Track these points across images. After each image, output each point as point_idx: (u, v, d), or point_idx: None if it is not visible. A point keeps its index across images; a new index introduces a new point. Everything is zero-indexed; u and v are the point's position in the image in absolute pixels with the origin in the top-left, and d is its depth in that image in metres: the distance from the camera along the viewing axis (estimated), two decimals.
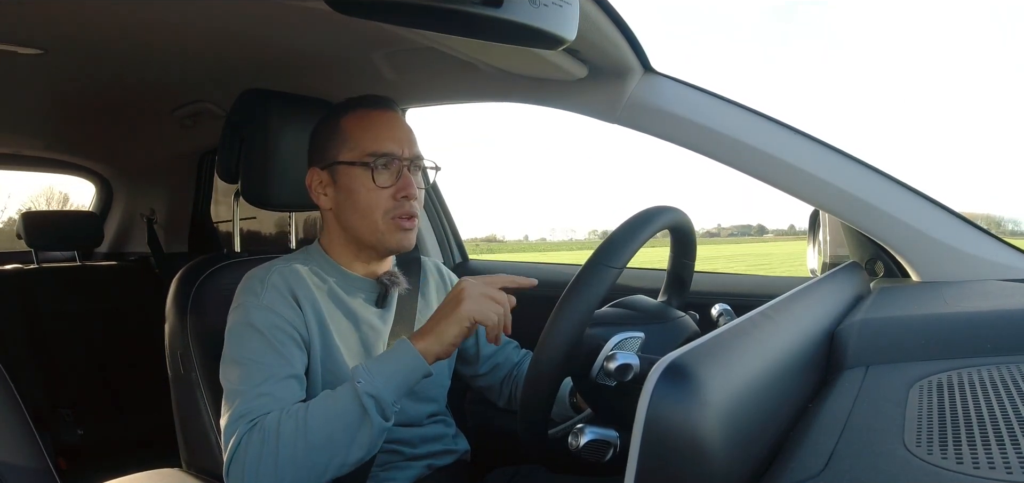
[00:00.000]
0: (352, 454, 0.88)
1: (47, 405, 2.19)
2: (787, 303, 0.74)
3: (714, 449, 0.43)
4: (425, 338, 0.91)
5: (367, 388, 0.87)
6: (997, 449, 0.46)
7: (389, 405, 0.88)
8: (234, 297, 1.02)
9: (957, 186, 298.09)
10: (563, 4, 0.71)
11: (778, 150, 1.13)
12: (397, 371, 0.89)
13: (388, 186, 1.02)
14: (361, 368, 0.89)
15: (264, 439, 0.86)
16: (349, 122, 1.05)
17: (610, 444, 0.76)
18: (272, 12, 1.13)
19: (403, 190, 1.02)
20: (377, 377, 0.88)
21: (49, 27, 1.23)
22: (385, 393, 0.87)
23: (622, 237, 0.77)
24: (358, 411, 0.87)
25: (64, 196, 5.33)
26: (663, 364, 0.45)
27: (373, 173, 1.01)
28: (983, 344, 0.72)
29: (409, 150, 1.04)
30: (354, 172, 1.02)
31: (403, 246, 1.04)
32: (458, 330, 0.90)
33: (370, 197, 1.01)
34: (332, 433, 0.87)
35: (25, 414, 1.09)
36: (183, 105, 1.80)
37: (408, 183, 1.02)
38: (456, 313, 0.89)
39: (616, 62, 1.16)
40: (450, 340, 0.90)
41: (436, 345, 0.90)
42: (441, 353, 0.91)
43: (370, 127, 1.04)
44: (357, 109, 1.06)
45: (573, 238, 47.30)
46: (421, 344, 0.90)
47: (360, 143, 1.03)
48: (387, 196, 1.02)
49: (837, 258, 1.24)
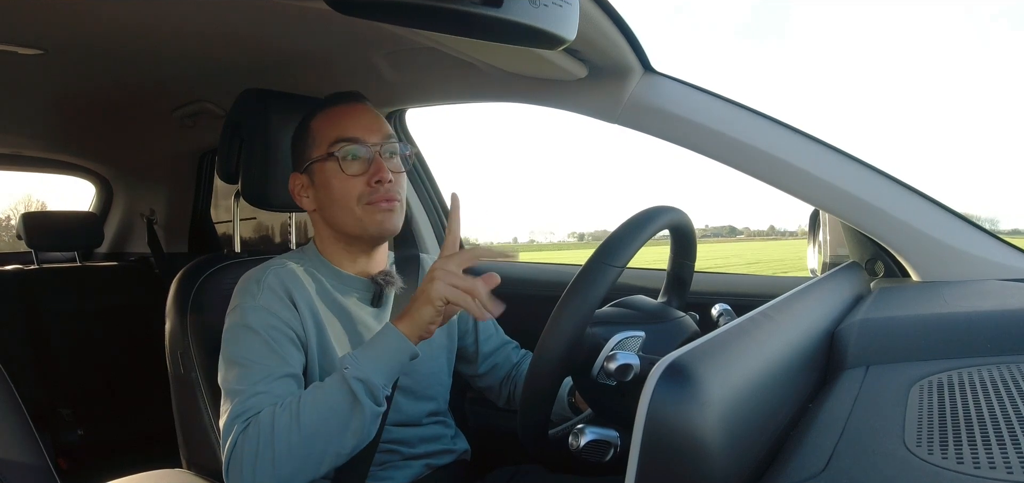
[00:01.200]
0: (347, 442, 0.89)
1: (47, 405, 2.19)
2: (787, 303, 0.74)
3: (714, 449, 0.43)
4: (404, 320, 0.91)
5: (355, 373, 0.88)
6: (997, 449, 0.46)
7: (379, 389, 0.89)
8: (231, 298, 1.02)
9: (949, 185, 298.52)
10: (563, 4, 0.71)
11: (778, 150, 1.13)
12: (383, 354, 0.90)
13: (360, 173, 1.02)
14: (348, 356, 0.90)
15: (260, 434, 0.87)
16: (316, 121, 1.06)
17: (610, 444, 0.76)
18: (272, 12, 1.13)
19: (375, 174, 1.01)
20: (364, 362, 0.89)
21: (49, 27, 1.24)
22: (374, 376, 0.88)
23: (623, 236, 0.77)
24: (348, 397, 0.88)
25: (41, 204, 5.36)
26: (663, 364, 0.45)
27: (340, 162, 1.01)
28: (983, 344, 0.72)
29: (378, 135, 1.03)
30: (326, 167, 1.02)
31: (385, 228, 1.03)
32: (432, 311, 0.90)
33: (343, 186, 1.01)
34: (325, 421, 0.88)
35: (25, 414, 1.09)
36: (183, 105, 1.80)
37: (380, 167, 1.01)
38: (426, 293, 0.90)
39: (616, 62, 1.16)
40: (427, 320, 0.90)
41: (415, 327, 0.91)
42: (422, 334, 0.91)
43: (333, 120, 1.04)
44: (323, 108, 1.07)
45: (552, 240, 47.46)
46: (402, 327, 0.91)
47: (326, 137, 1.03)
48: (360, 183, 1.01)
49: (837, 258, 1.24)
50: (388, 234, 1.06)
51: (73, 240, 2.51)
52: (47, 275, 2.36)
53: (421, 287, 0.92)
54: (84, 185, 2.83)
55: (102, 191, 2.79)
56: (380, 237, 1.06)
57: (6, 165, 2.60)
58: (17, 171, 2.74)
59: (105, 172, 2.72)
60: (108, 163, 2.66)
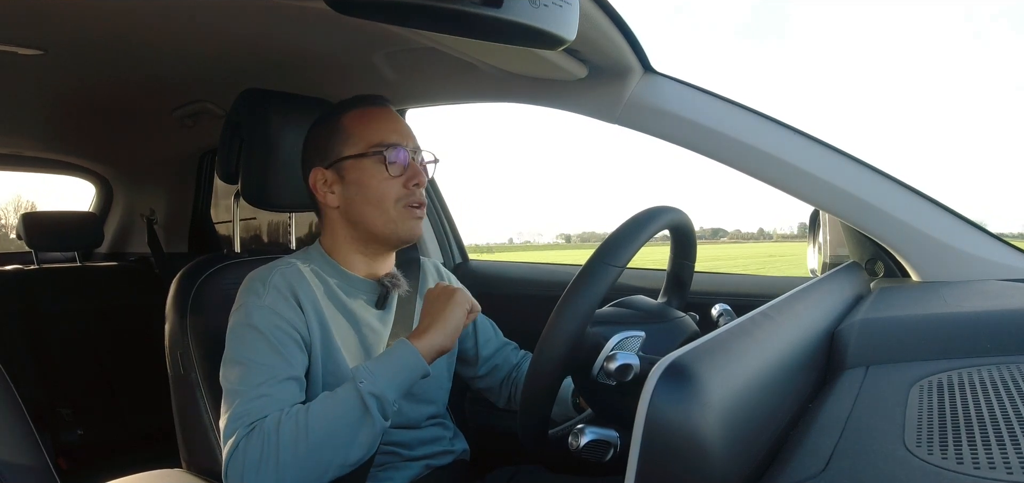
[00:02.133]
0: (354, 453, 0.89)
1: (47, 405, 2.19)
2: (787, 303, 0.74)
3: (714, 449, 0.43)
4: (422, 339, 0.94)
5: (370, 388, 0.88)
6: (997, 449, 0.46)
7: (390, 404, 0.90)
8: (236, 297, 1.02)
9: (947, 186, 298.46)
10: (563, 4, 0.71)
11: (778, 150, 1.13)
12: (399, 371, 0.92)
13: (399, 175, 1.04)
14: (362, 368, 0.91)
15: (264, 441, 0.87)
16: (350, 119, 1.06)
17: (610, 444, 0.76)
18: (272, 12, 1.13)
19: (414, 177, 1.04)
20: (379, 377, 0.90)
21: (49, 27, 1.23)
22: (388, 392, 0.90)
23: (623, 236, 0.77)
24: (360, 410, 0.88)
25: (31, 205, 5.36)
26: (663, 364, 0.45)
27: (386, 162, 1.03)
28: (983, 344, 0.72)
29: (412, 142, 1.07)
30: (363, 164, 1.03)
31: (414, 234, 1.06)
32: (448, 341, 0.97)
33: (383, 186, 1.03)
34: (334, 432, 0.88)
35: (25, 414, 1.09)
36: (183, 105, 1.80)
37: (418, 171, 1.05)
38: (449, 323, 0.96)
39: (616, 62, 1.16)
40: (439, 346, 0.96)
41: (431, 350, 0.95)
42: (435, 356, 0.95)
43: (373, 121, 1.06)
44: (356, 107, 1.08)
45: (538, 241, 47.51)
46: (419, 346, 0.93)
47: (365, 136, 1.04)
48: (399, 185, 1.03)
49: (837, 258, 1.24)
50: (414, 240, 1.08)
51: (73, 240, 2.51)
52: (47, 275, 2.36)
53: (446, 315, 0.96)
54: (78, 185, 2.83)
55: (102, 191, 2.79)
56: (407, 241, 1.08)
57: (6, 165, 2.60)
58: (17, 171, 2.74)
59: (105, 172, 2.72)
60: (108, 163, 2.65)
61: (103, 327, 2.38)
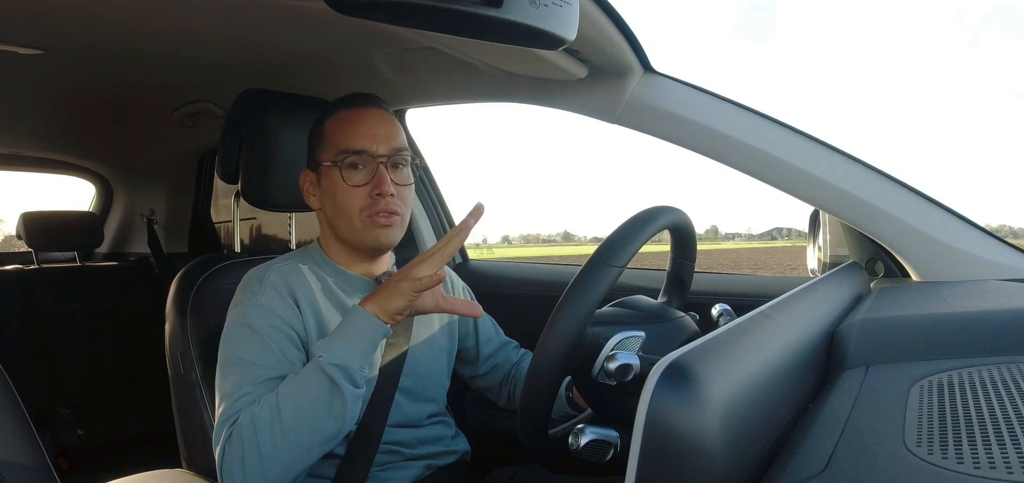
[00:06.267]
0: (329, 426, 0.90)
1: (47, 405, 2.19)
2: (787, 303, 0.74)
3: (714, 449, 0.43)
4: (372, 302, 0.94)
5: (330, 359, 0.89)
6: (997, 449, 0.46)
7: (356, 371, 0.91)
8: (234, 295, 1.02)
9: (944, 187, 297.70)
10: (563, 4, 0.71)
11: (778, 150, 1.13)
12: (355, 335, 0.92)
13: (362, 184, 1.01)
14: (321, 343, 0.92)
15: (243, 437, 0.88)
16: (330, 123, 1.05)
17: (610, 444, 0.76)
18: (272, 12, 1.13)
19: (376, 188, 1.01)
20: (337, 347, 0.91)
21: (49, 27, 1.23)
22: (349, 360, 0.90)
23: (623, 236, 0.77)
24: (326, 383, 0.89)
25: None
26: (663, 364, 0.45)
27: (342, 172, 1.01)
28: (983, 344, 0.72)
29: (386, 146, 1.02)
30: (332, 172, 1.03)
31: (381, 243, 1.04)
32: (402, 302, 0.93)
33: (345, 196, 1.02)
34: (305, 411, 0.89)
35: (25, 414, 1.09)
36: (183, 105, 1.80)
37: (381, 180, 1.01)
38: (399, 286, 0.93)
39: (616, 62, 1.16)
40: (395, 309, 0.93)
41: (384, 312, 0.93)
42: (392, 319, 0.94)
43: (345, 126, 1.03)
44: (339, 110, 1.06)
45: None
46: (371, 308, 0.93)
47: (335, 142, 1.03)
48: (362, 194, 1.01)
49: (837, 258, 1.24)
50: (385, 248, 1.06)
51: (73, 240, 2.51)
52: (47, 275, 2.36)
53: (403, 274, 0.94)
54: (73, 185, 2.83)
55: (102, 191, 2.80)
56: (376, 250, 1.06)
57: (6, 165, 2.60)
58: (17, 171, 2.74)
59: (105, 172, 2.72)
60: (108, 163, 2.66)
61: (103, 327, 2.38)
